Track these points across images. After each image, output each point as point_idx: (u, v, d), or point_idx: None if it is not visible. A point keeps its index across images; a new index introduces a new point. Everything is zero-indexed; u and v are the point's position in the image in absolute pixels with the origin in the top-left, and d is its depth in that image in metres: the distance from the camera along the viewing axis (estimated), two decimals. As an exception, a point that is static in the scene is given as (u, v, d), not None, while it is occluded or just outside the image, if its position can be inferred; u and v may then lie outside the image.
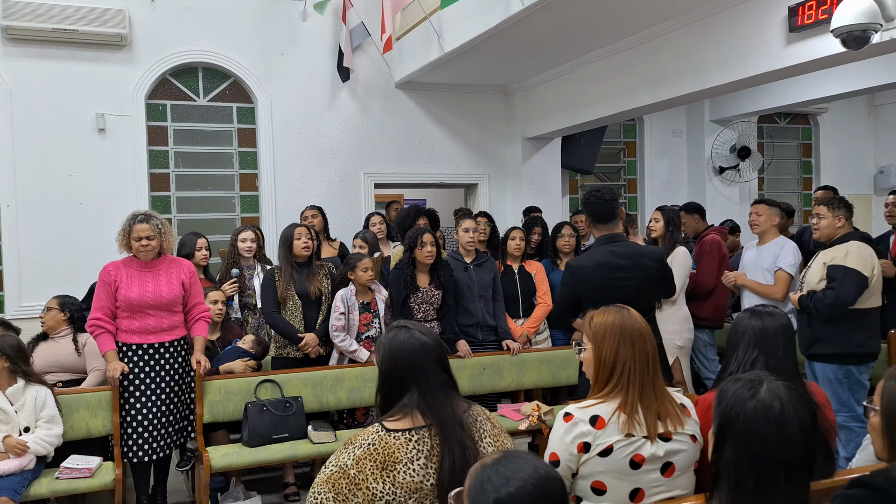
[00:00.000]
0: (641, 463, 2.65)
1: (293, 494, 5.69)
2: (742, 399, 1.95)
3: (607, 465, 2.64)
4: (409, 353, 2.55)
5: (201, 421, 5.31)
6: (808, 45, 5.43)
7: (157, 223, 5.15)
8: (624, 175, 10.87)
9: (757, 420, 1.91)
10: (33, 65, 7.62)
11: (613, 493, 2.67)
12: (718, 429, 1.99)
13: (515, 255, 6.61)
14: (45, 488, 4.73)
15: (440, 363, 2.59)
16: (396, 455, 2.41)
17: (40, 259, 7.68)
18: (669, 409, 2.72)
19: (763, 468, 1.88)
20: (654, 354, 2.73)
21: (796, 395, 1.93)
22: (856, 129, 11.69)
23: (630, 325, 2.74)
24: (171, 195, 8.38)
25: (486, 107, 9.48)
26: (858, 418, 5.16)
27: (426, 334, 2.62)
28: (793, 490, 1.87)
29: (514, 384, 6.25)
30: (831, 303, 5.07)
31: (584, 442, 2.64)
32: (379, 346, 2.66)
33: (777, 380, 1.99)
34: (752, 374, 2.05)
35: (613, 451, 2.63)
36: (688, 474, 2.75)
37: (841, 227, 5.31)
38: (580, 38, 7.16)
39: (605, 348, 2.74)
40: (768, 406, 1.91)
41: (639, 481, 2.67)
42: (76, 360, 5.59)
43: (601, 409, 2.68)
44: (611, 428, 2.64)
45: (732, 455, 1.93)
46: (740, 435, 1.93)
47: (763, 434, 1.90)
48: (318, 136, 8.72)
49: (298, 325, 5.78)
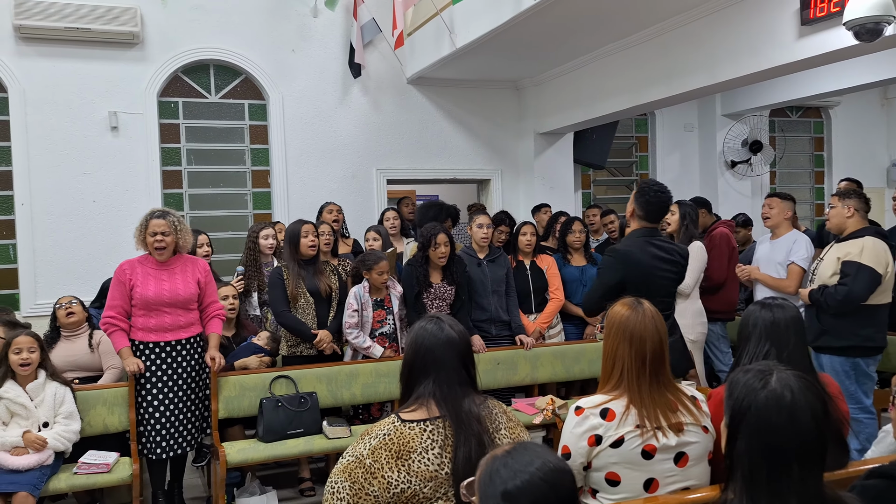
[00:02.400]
0: (654, 453, 2.68)
1: (308, 489, 5.72)
2: (753, 389, 1.94)
3: (619, 457, 2.68)
4: (432, 344, 2.59)
5: (216, 417, 5.34)
6: (821, 38, 5.41)
7: (174, 220, 5.17)
8: (636, 170, 10.86)
9: (769, 410, 1.90)
10: (46, 64, 7.66)
11: (628, 483, 2.70)
12: (731, 420, 1.98)
13: (527, 251, 6.61)
14: (64, 483, 4.78)
15: (462, 360, 2.61)
16: (411, 445, 2.44)
17: (55, 257, 7.72)
18: (679, 402, 2.76)
19: (776, 458, 1.88)
20: (655, 353, 2.76)
21: (807, 384, 1.93)
22: (868, 122, 11.63)
23: (634, 324, 2.78)
24: (184, 192, 8.41)
25: (498, 102, 9.48)
26: (866, 409, 5.17)
27: (454, 329, 2.64)
28: (807, 479, 1.87)
29: (528, 379, 6.26)
30: (843, 299, 5.06)
31: (596, 434, 2.69)
32: (408, 332, 2.69)
33: (787, 369, 1.98)
34: (761, 364, 2.04)
35: (625, 442, 2.67)
36: (702, 464, 2.77)
37: (850, 216, 5.28)
38: (591, 32, 7.16)
39: (610, 342, 2.84)
40: (779, 396, 1.90)
41: (652, 471, 2.70)
42: (91, 359, 5.63)
43: (611, 403, 2.73)
44: (620, 420, 2.68)
45: (745, 446, 1.93)
46: (752, 425, 1.92)
47: (775, 424, 1.89)
48: (329, 133, 8.74)
49: (311, 322, 5.77)
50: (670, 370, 2.82)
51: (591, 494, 2.80)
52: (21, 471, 4.55)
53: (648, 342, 2.75)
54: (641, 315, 2.80)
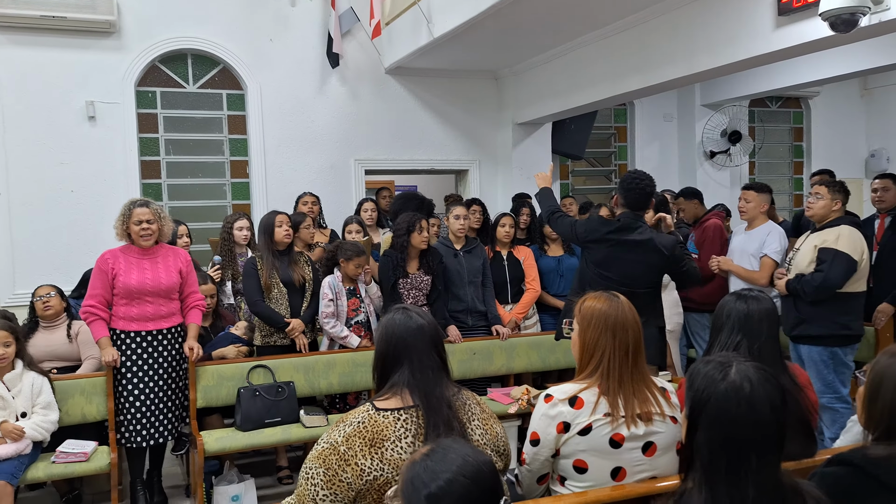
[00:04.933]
0: (622, 442, 2.72)
1: (286, 477, 5.78)
2: (713, 381, 1.98)
3: (588, 444, 2.71)
4: (403, 333, 2.63)
5: (195, 406, 5.36)
6: (797, 29, 5.43)
7: (157, 208, 5.22)
8: (615, 160, 10.89)
9: (728, 401, 1.94)
10: (22, 52, 7.60)
11: (595, 471, 2.74)
12: (690, 411, 2.02)
13: (504, 242, 6.64)
14: (42, 472, 4.80)
15: (434, 346, 2.66)
16: (385, 433, 2.48)
17: (33, 247, 7.68)
18: (649, 393, 2.80)
19: (735, 448, 1.92)
20: (636, 344, 2.81)
21: (765, 376, 1.97)
22: (848, 112, 11.69)
23: (615, 315, 2.82)
24: (163, 182, 8.38)
25: (477, 92, 9.48)
26: (843, 399, 5.22)
27: (423, 318, 2.69)
28: (764, 469, 1.91)
29: (503, 368, 6.30)
30: (819, 285, 5.12)
31: (564, 422, 2.73)
32: (378, 325, 2.76)
33: (746, 360, 2.02)
34: (721, 355, 2.08)
35: (593, 430, 2.71)
36: (669, 454, 2.81)
37: (836, 210, 5.35)
38: (570, 22, 7.17)
39: (590, 334, 2.84)
40: (739, 387, 1.94)
41: (620, 460, 2.73)
42: (70, 349, 5.63)
43: (582, 393, 2.76)
44: (589, 408, 2.72)
45: (705, 436, 1.97)
46: (712, 416, 1.95)
47: (734, 415, 1.92)
48: (308, 123, 8.72)
49: (284, 312, 5.79)
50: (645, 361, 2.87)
51: (560, 482, 2.83)
52: (-2, 460, 4.55)
53: (630, 332, 2.80)
54: (619, 306, 2.85)
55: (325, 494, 2.42)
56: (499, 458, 2.66)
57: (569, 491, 2.79)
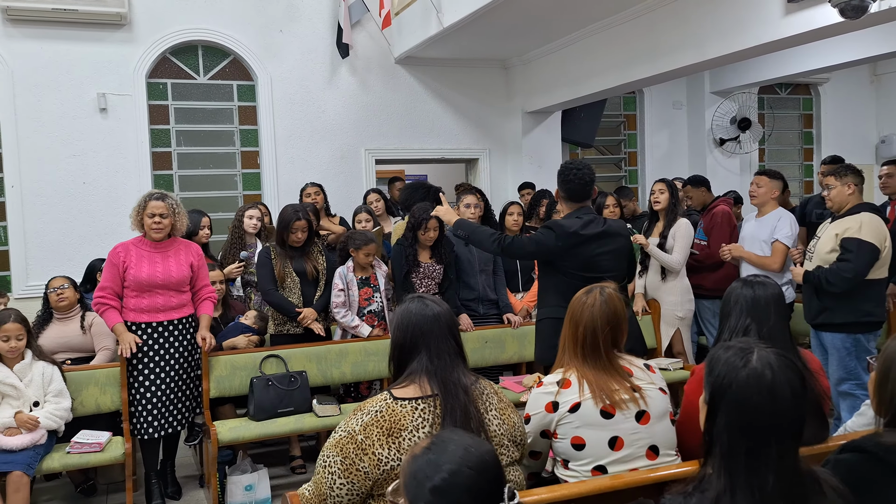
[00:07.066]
0: (613, 413, 2.83)
1: (299, 467, 5.78)
2: (734, 367, 1.96)
3: (580, 420, 2.83)
4: (419, 321, 2.65)
5: (208, 396, 5.38)
6: (807, 16, 5.42)
7: (172, 203, 5.21)
8: (624, 148, 10.88)
9: (749, 389, 1.92)
10: (34, 45, 7.64)
11: (593, 445, 2.84)
12: (711, 397, 2.00)
13: (514, 230, 6.63)
14: (57, 462, 4.81)
15: (450, 333, 2.68)
16: (402, 422, 2.49)
17: (46, 239, 7.73)
18: (631, 369, 2.97)
19: (755, 436, 1.91)
20: (595, 335, 2.92)
21: (786, 363, 1.95)
22: (858, 98, 11.66)
23: (575, 307, 3.00)
24: (174, 173, 8.42)
25: (486, 81, 9.48)
26: (865, 386, 5.17)
27: (439, 305, 2.71)
28: (784, 456, 1.90)
29: (515, 356, 6.29)
30: (851, 278, 5.00)
31: (553, 402, 2.88)
32: (394, 315, 2.81)
33: (767, 347, 2.01)
34: (741, 341, 2.05)
35: (582, 405, 2.84)
36: (664, 422, 2.93)
37: (851, 193, 5.24)
38: (579, 10, 7.16)
39: (564, 324, 3.06)
40: (760, 374, 1.92)
41: (616, 430, 2.84)
42: (84, 340, 5.65)
43: (567, 374, 2.93)
44: (575, 388, 2.87)
45: (725, 423, 1.95)
46: (732, 403, 1.93)
47: (755, 402, 1.90)
48: (318, 113, 8.74)
49: (297, 302, 5.80)
50: (612, 347, 2.98)
51: (563, 465, 2.90)
52: (15, 451, 4.58)
53: (589, 324, 2.92)
54: (586, 299, 2.99)
55: (342, 483, 2.43)
56: (515, 448, 2.69)
57: (573, 473, 2.87)
